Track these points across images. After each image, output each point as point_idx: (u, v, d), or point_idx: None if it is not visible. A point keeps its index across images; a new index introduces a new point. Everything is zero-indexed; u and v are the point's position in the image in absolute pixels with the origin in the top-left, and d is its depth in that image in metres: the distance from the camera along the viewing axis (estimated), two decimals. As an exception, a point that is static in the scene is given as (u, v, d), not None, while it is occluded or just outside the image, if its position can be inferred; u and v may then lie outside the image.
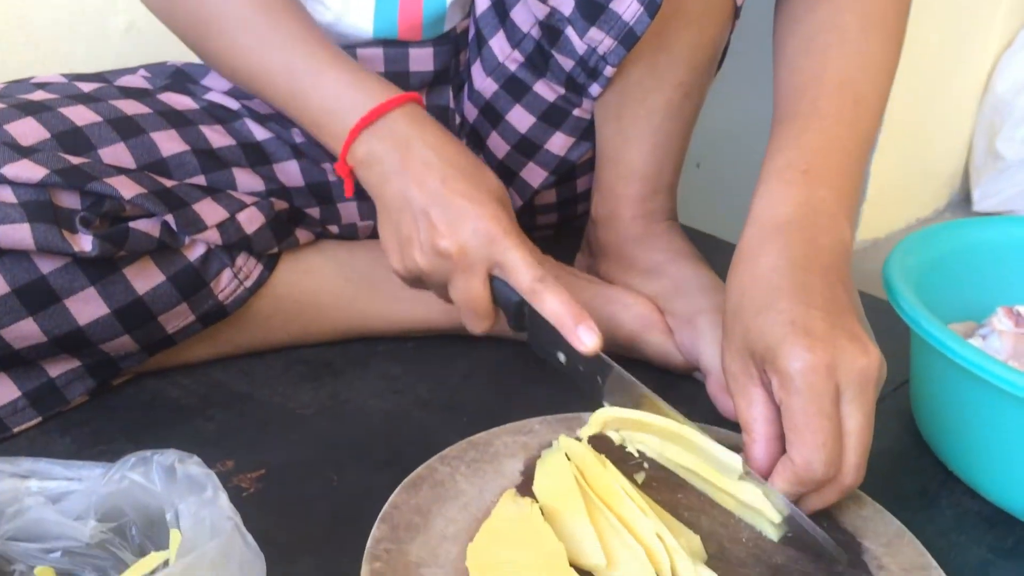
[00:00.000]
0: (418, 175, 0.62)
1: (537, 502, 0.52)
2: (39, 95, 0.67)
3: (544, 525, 0.49)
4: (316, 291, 0.75)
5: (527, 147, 0.79)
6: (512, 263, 0.60)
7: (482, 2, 0.75)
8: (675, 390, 0.74)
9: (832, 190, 0.59)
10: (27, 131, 0.63)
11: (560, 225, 0.93)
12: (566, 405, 0.63)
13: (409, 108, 0.65)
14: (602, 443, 0.57)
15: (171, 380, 0.72)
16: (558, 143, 0.79)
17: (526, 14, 0.72)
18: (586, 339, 0.58)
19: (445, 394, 0.73)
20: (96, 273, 0.64)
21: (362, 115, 0.63)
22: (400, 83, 0.68)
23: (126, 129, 0.68)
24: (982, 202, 1.61)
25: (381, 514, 0.51)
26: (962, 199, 1.69)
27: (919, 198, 1.59)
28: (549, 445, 0.58)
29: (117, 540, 0.49)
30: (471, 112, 0.80)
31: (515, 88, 0.76)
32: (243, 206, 0.70)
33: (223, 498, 0.44)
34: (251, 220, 0.70)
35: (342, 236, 0.79)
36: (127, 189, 0.63)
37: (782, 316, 0.53)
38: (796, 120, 0.62)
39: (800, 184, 0.59)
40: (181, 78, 0.77)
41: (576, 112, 0.76)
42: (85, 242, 0.62)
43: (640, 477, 0.56)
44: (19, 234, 0.60)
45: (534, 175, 0.81)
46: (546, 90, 0.75)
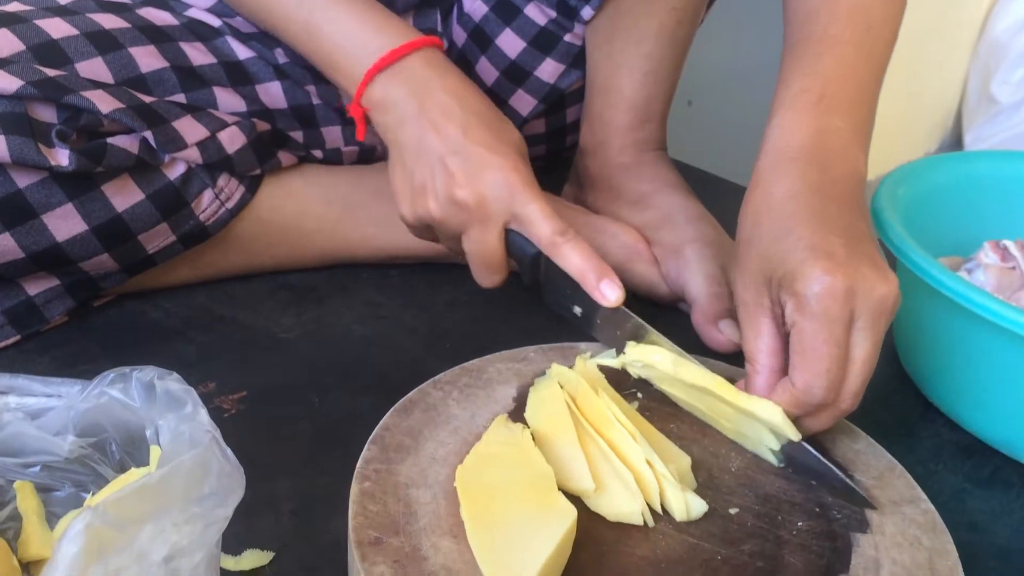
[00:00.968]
0: (437, 122, 0.61)
1: (528, 428, 0.52)
2: (14, 6, 0.66)
3: (534, 449, 0.49)
4: (299, 215, 0.74)
5: (517, 73, 0.78)
6: (532, 216, 0.59)
7: None
8: (660, 321, 0.74)
9: (847, 119, 0.58)
10: (1, 43, 0.61)
11: (549, 157, 0.92)
12: (552, 334, 0.63)
13: (428, 52, 0.63)
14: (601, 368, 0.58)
15: (152, 302, 0.71)
16: (548, 70, 0.77)
17: None
18: (609, 293, 0.57)
19: (429, 321, 0.72)
20: (74, 189, 0.63)
21: (380, 56, 0.62)
22: (386, 6, 0.67)
23: (104, 43, 0.66)
24: (974, 146, 1.60)
25: (372, 436, 0.51)
26: (954, 143, 1.68)
27: (910, 141, 1.58)
28: (543, 373, 0.58)
29: (97, 456, 0.49)
30: (460, 36, 0.78)
31: (505, 11, 0.74)
32: (224, 125, 0.68)
33: (202, 413, 0.44)
34: (232, 140, 0.68)
35: (326, 161, 0.78)
36: (104, 103, 0.62)
37: (802, 241, 0.52)
38: (809, 44, 0.60)
39: (814, 113, 0.57)
40: (161, -8, 0.75)
41: (567, 37, 0.75)
42: (62, 156, 0.60)
43: (634, 406, 0.56)
44: (-7, 147, 0.58)
45: (523, 103, 0.80)
46: (537, 13, 0.74)
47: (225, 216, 0.70)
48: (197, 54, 0.71)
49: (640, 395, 0.57)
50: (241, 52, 0.74)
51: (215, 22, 0.74)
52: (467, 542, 0.45)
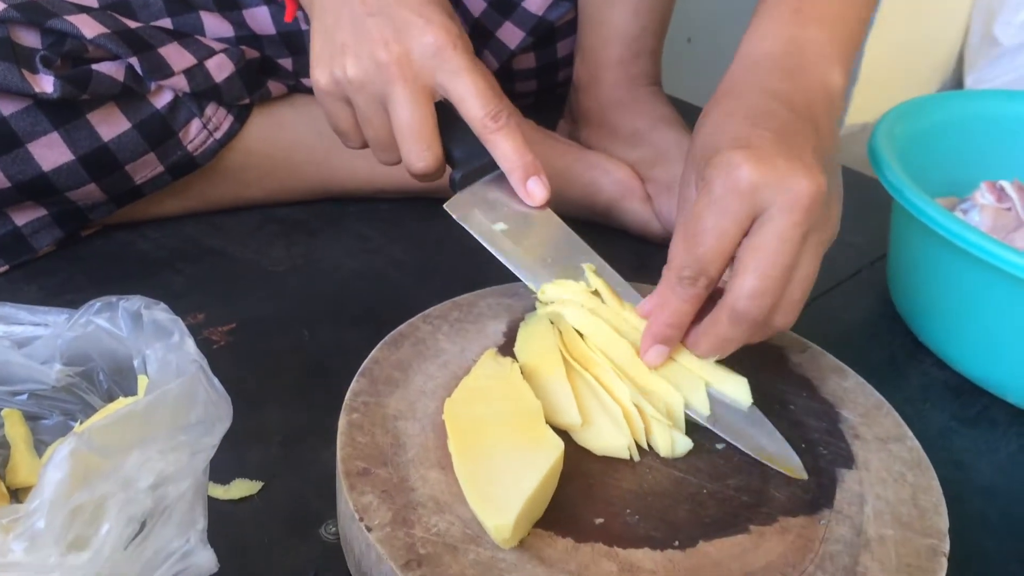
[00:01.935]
0: None
1: (517, 362, 0.52)
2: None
3: (522, 383, 0.49)
4: (289, 146, 0.73)
5: (504, 5, 0.76)
6: (461, 90, 0.53)
7: None
8: (653, 259, 0.74)
9: (825, 31, 0.54)
10: (-19, -34, 0.60)
11: (541, 93, 0.90)
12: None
13: None
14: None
15: (141, 233, 0.71)
16: (536, 1, 0.75)
17: None
18: (536, 192, 0.54)
19: (420, 256, 0.72)
20: (59, 117, 0.62)
21: None
22: None
23: (87, -34, 0.64)
24: (976, 87, 1.59)
25: (361, 368, 0.51)
26: (955, 85, 1.66)
27: (911, 83, 1.56)
28: (533, 309, 0.57)
29: (84, 385, 0.49)
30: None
31: None
32: (212, 52, 0.67)
33: (189, 343, 0.44)
34: (220, 67, 0.67)
35: (317, 91, 0.76)
36: (89, 28, 0.60)
37: (728, 134, 0.48)
38: None
39: (789, 22, 0.54)
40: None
41: (556, -34, 0.73)
42: (46, 83, 0.59)
43: None
44: (-25, 73, 0.57)
45: (511, 36, 0.78)
46: None
47: (213, 147, 0.69)
48: (182, -23, 0.70)
49: None
50: (227, -26, 0.72)
51: (200, -55, 0.72)
52: (455, 474, 0.46)
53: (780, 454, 0.49)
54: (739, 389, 0.51)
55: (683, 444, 0.49)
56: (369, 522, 0.42)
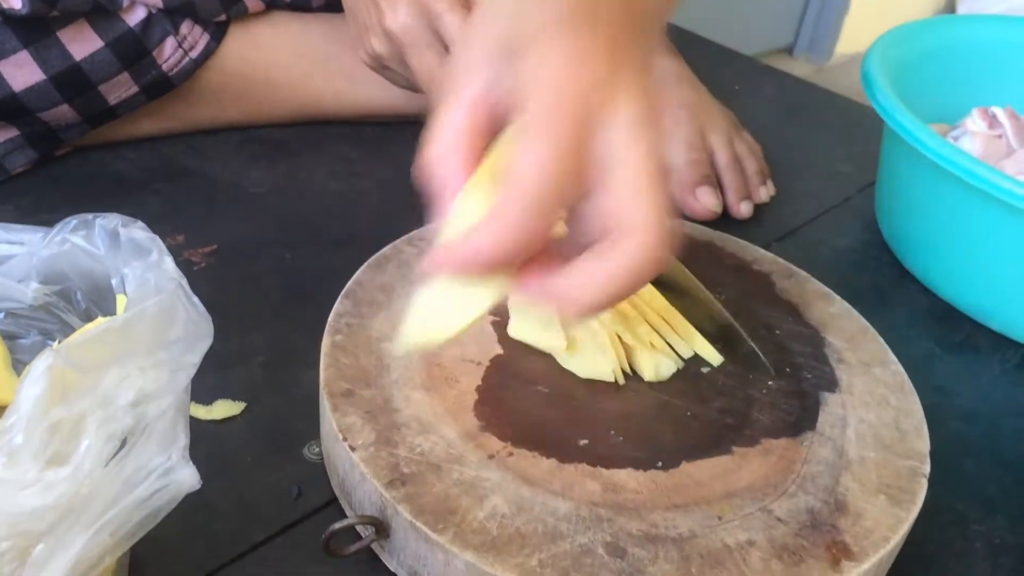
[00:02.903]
0: None
1: None
2: None
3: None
4: (267, 66, 0.71)
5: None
6: (450, 34, 0.57)
7: None
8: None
9: None
10: None
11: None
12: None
13: None
14: None
15: (117, 153, 0.69)
16: None
17: None
18: None
19: (405, 179, 0.70)
20: (28, 35, 0.60)
21: None
22: None
23: None
24: (966, 16, 1.57)
25: (344, 290, 0.51)
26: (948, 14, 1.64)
27: (902, 12, 1.54)
28: None
29: (62, 304, 0.48)
30: None
31: None
32: (186, -35, 0.65)
33: (168, 262, 0.43)
34: (196, -18, 0.65)
35: (295, 7, 0.74)
36: (57, -62, 0.58)
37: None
38: None
39: None
40: None
41: None
42: (14, -2, 0.57)
43: None
44: (-61, -14, 0.55)
45: None
46: None
47: (189, 66, 0.67)
48: None
49: None
50: None
51: None
52: (439, 395, 0.45)
53: None
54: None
55: (667, 367, 0.49)
56: (353, 442, 0.42)
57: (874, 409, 0.48)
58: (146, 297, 0.40)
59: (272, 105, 0.73)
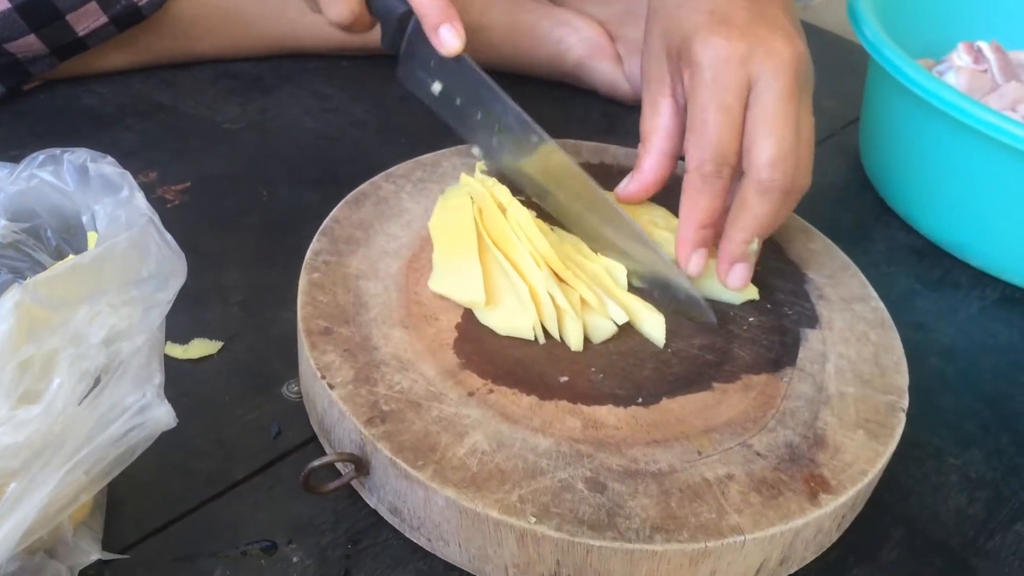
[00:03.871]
0: None
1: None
2: None
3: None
4: (241, -2, 0.69)
5: None
6: None
7: None
8: (621, 121, 0.72)
9: None
10: None
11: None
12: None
13: None
14: None
15: (87, 88, 0.67)
16: None
17: None
18: (448, 41, 0.49)
19: (382, 115, 0.69)
20: (-10, -39, 0.57)
21: None
22: None
23: None
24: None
25: (321, 228, 0.50)
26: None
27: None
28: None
29: (32, 242, 0.47)
30: None
31: None
32: None
33: (139, 197, 0.42)
34: (163, -94, 0.63)
35: (269, -63, 0.72)
36: None
37: (702, 5, 0.48)
38: None
39: None
40: None
41: None
42: (-28, -80, 0.55)
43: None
44: None
45: None
46: None
47: (160, -4, 0.65)
48: None
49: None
50: None
51: None
52: (418, 333, 0.45)
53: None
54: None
55: (606, 330, 0.47)
56: (331, 380, 0.42)
57: (854, 345, 0.48)
58: (117, 234, 0.39)
59: (246, 38, 0.71)
